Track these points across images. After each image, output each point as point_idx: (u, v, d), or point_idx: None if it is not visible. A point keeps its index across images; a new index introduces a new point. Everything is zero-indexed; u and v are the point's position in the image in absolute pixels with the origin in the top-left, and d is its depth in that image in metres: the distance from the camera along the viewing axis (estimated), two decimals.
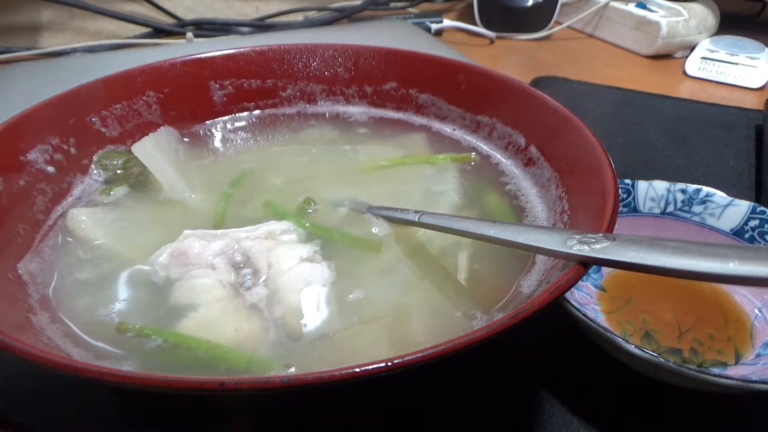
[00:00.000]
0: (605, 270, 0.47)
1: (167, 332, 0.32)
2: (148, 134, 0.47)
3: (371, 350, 0.33)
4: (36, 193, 0.40)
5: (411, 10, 1.15)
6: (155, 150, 0.44)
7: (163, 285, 0.36)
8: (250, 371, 0.30)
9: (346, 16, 1.07)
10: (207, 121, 0.53)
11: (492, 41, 1.05)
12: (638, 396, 0.39)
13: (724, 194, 0.47)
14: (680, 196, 0.48)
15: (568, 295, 0.39)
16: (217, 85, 0.52)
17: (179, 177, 0.44)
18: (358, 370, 0.22)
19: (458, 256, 0.39)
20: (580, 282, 0.44)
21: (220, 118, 0.53)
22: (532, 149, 0.46)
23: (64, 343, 0.31)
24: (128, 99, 0.48)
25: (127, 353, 0.31)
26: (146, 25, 0.98)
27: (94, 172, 0.45)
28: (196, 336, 0.32)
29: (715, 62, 0.90)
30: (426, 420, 0.37)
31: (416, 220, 0.37)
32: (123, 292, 0.36)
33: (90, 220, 0.40)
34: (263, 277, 0.36)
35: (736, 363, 0.40)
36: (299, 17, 1.10)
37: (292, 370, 0.31)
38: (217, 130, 0.52)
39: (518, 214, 0.42)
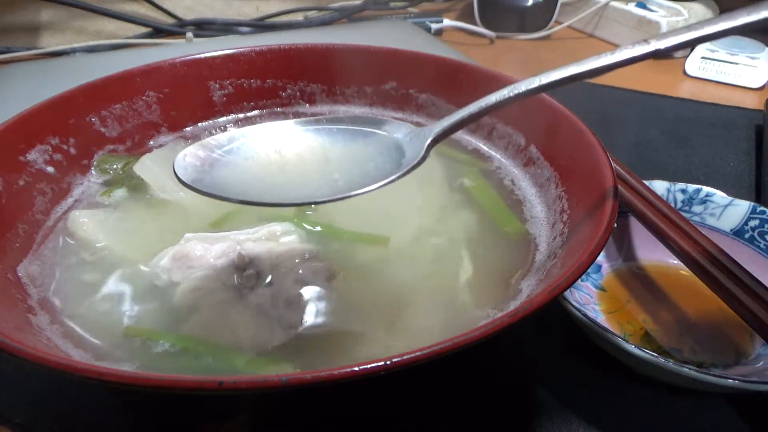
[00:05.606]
0: (605, 270, 0.47)
1: (173, 335, 0.32)
2: (147, 134, 0.47)
3: (373, 349, 0.33)
4: (36, 193, 0.40)
5: (411, 9, 1.15)
6: (154, 166, 0.44)
7: (165, 288, 0.36)
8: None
9: (346, 16, 1.07)
10: (207, 121, 0.53)
11: (492, 41, 1.05)
12: (638, 396, 0.39)
13: (724, 194, 0.47)
14: (680, 196, 0.48)
15: (568, 295, 0.39)
16: (217, 85, 0.52)
17: (178, 186, 0.44)
18: (356, 368, 0.22)
19: (458, 256, 0.39)
20: (580, 282, 0.44)
21: (220, 118, 0.53)
22: (532, 149, 0.46)
23: (64, 344, 0.31)
24: (128, 99, 0.48)
25: (128, 355, 0.31)
26: (146, 25, 0.98)
27: (94, 173, 0.45)
28: (201, 339, 0.32)
29: (715, 62, 0.90)
30: (426, 419, 0.37)
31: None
32: (124, 295, 0.35)
33: (91, 222, 0.40)
34: (266, 279, 0.36)
35: (736, 363, 0.39)
36: (299, 17, 1.10)
37: (298, 370, 0.31)
38: (217, 131, 0.52)
39: (517, 213, 0.42)
